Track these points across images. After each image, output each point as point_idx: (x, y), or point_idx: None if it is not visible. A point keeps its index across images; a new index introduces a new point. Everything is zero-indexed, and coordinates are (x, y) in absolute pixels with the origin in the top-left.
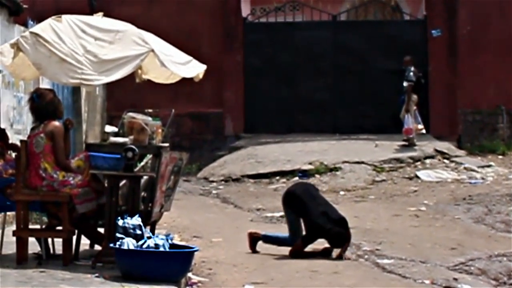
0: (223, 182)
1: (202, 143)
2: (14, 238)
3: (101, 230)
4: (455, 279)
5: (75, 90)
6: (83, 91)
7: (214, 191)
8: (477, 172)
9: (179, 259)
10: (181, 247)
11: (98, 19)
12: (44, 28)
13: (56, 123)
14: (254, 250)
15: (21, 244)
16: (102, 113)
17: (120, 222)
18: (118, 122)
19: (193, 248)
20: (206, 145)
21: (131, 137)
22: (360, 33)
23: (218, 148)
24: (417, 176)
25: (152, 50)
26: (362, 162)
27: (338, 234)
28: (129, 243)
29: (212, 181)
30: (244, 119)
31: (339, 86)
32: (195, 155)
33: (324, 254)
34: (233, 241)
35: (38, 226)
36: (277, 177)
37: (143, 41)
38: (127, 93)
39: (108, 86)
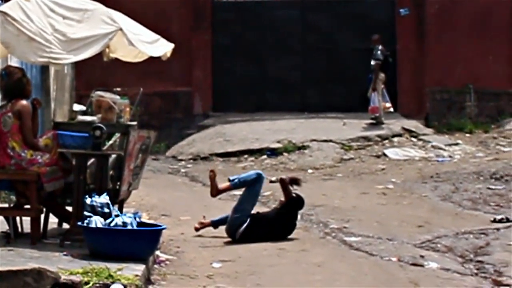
0: (191, 161)
1: (170, 121)
2: None
3: (70, 208)
4: (422, 257)
5: (44, 69)
6: (52, 70)
7: (182, 170)
8: (444, 150)
9: (147, 237)
10: (149, 225)
11: None
12: (12, 6)
13: (24, 102)
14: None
15: None
16: (71, 91)
17: (88, 201)
18: (87, 101)
19: (161, 226)
20: (174, 123)
21: (99, 115)
22: (328, 12)
23: (186, 126)
24: (384, 154)
25: (121, 29)
26: (330, 141)
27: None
28: (97, 221)
29: (181, 160)
30: (212, 97)
31: (308, 64)
32: (164, 134)
33: None
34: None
35: (6, 205)
36: (246, 156)
37: (112, 20)
38: (96, 72)
39: (77, 65)
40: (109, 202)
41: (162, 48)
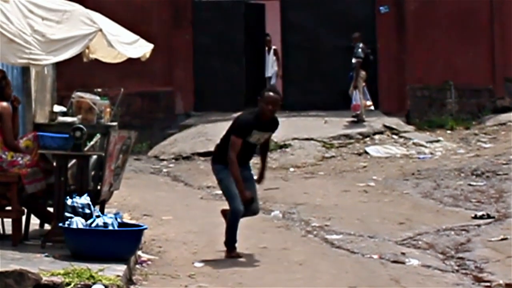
0: (173, 160)
1: (152, 121)
2: None
3: (51, 209)
4: (403, 254)
5: (25, 70)
6: (33, 71)
7: (164, 170)
8: (425, 147)
9: (128, 238)
10: (131, 225)
11: None
12: None
13: (4, 103)
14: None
15: None
16: (52, 93)
17: (69, 202)
18: (68, 102)
19: (142, 226)
20: (156, 123)
21: (79, 116)
22: (308, 10)
23: (168, 126)
24: (366, 152)
25: (100, 30)
26: (312, 139)
27: None
28: (78, 222)
29: (163, 160)
30: (194, 97)
31: (289, 63)
32: (146, 134)
33: None
34: (183, 219)
35: None
36: None
37: (91, 21)
38: (77, 72)
39: (58, 66)
40: (90, 203)
41: (141, 49)
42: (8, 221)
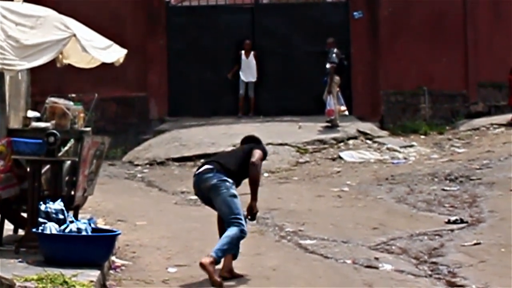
0: (148, 166)
1: (126, 127)
2: None
3: (25, 215)
4: (377, 259)
5: None
6: (7, 76)
7: (139, 175)
8: (399, 152)
9: (101, 243)
10: (104, 231)
11: (18, 4)
12: None
13: None
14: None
15: None
16: (26, 98)
17: (43, 207)
18: (42, 107)
19: (115, 231)
20: (130, 129)
21: (53, 122)
22: (282, 15)
23: (142, 131)
24: (340, 157)
25: (74, 35)
26: (286, 144)
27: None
28: (51, 228)
29: (137, 165)
30: (168, 102)
31: (262, 69)
32: (120, 139)
33: None
34: (158, 224)
35: None
36: (202, 160)
37: (65, 26)
38: (52, 78)
39: (32, 71)
40: (63, 208)
41: (115, 54)
42: None
